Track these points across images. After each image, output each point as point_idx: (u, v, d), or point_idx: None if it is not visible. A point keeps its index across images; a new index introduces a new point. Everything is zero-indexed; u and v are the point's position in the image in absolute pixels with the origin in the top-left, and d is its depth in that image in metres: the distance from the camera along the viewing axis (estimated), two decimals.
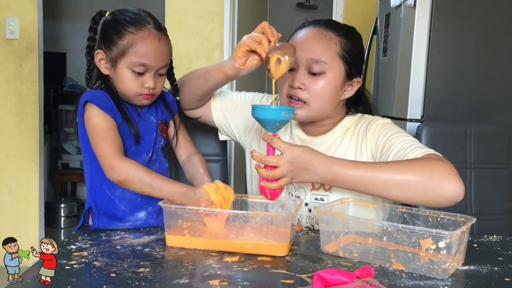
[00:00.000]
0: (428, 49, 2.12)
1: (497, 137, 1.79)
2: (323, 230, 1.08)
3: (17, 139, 3.12)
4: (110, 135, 1.18)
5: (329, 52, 1.23)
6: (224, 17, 3.19)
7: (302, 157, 1.07)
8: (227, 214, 1.10)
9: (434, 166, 1.07)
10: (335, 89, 1.25)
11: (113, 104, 1.22)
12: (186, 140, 1.38)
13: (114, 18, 1.23)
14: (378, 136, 1.26)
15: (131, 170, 1.15)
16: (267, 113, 1.08)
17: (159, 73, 1.24)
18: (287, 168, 1.07)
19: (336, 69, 1.24)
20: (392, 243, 1.01)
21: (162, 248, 1.07)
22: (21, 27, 3.06)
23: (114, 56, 1.20)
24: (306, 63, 1.23)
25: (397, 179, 1.06)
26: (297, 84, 1.23)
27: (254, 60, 1.21)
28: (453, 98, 2.15)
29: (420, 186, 1.06)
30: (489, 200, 1.71)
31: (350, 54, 1.26)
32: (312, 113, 1.27)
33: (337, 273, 0.81)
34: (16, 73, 3.09)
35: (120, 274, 0.91)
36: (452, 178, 1.06)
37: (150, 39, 1.20)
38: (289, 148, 1.07)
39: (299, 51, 1.21)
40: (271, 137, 1.09)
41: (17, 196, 3.14)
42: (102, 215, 1.23)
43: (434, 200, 1.07)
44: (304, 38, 1.27)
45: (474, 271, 0.99)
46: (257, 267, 0.97)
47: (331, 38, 1.25)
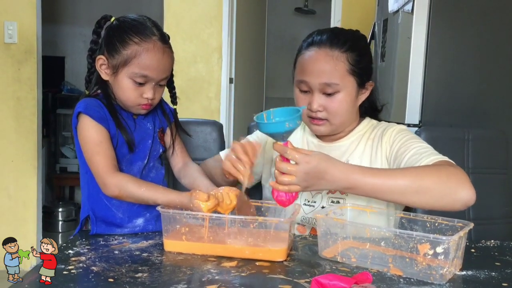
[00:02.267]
0: (426, 54, 2.12)
1: (495, 142, 1.79)
2: (321, 235, 1.08)
3: (15, 143, 3.11)
4: (103, 148, 1.18)
5: (338, 73, 1.25)
6: (222, 21, 3.20)
7: (319, 167, 1.05)
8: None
9: (450, 173, 1.10)
10: (351, 102, 1.29)
11: (107, 112, 1.21)
12: (182, 149, 1.38)
13: (119, 25, 1.22)
14: (394, 141, 1.28)
15: (122, 186, 1.16)
16: (271, 128, 1.06)
17: (159, 84, 1.24)
18: (301, 178, 1.05)
19: (349, 85, 1.27)
20: (390, 248, 1.01)
21: (160, 253, 1.07)
22: (19, 31, 3.06)
23: (116, 64, 1.20)
24: (319, 87, 1.26)
25: (416, 186, 1.07)
26: (315, 107, 1.27)
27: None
28: (450, 103, 2.16)
29: (437, 191, 1.07)
30: (486, 205, 1.71)
31: (358, 66, 1.28)
32: (334, 127, 1.31)
33: (335, 279, 0.82)
34: (15, 77, 3.09)
35: (118, 279, 0.90)
36: (467, 184, 1.09)
37: (154, 52, 1.19)
38: (304, 158, 1.05)
39: (311, 77, 1.25)
40: (283, 147, 1.07)
41: (15, 200, 3.13)
42: (100, 222, 1.23)
43: (450, 205, 1.09)
44: (312, 63, 1.27)
45: (471, 276, 0.99)
46: (255, 272, 0.97)
47: (338, 57, 1.26)
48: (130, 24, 1.21)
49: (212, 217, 1.09)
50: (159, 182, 1.30)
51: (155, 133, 1.31)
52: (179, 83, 3.20)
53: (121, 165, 1.23)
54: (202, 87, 3.25)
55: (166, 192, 1.18)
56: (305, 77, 1.27)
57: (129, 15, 1.25)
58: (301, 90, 1.29)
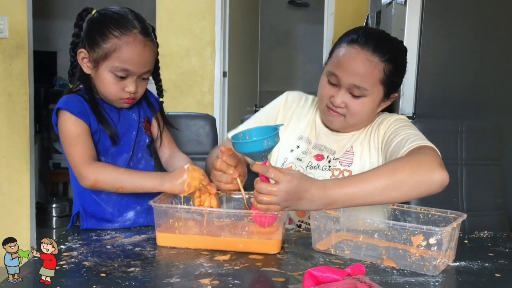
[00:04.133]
0: (419, 46, 2.12)
1: (488, 134, 1.79)
2: (315, 228, 1.08)
3: (7, 138, 3.09)
4: (80, 141, 1.17)
5: (371, 80, 1.26)
6: (215, 15, 3.18)
7: (299, 186, 1.02)
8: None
9: (420, 159, 1.10)
10: (373, 108, 1.31)
11: (87, 107, 1.20)
12: (169, 139, 1.37)
13: (100, 18, 1.21)
14: (388, 127, 1.30)
15: (98, 172, 1.15)
16: (249, 147, 1.05)
17: (142, 77, 1.23)
18: (282, 198, 1.02)
19: (376, 93, 1.28)
20: (383, 240, 1.02)
21: (153, 248, 1.07)
22: (10, 25, 3.03)
23: (96, 57, 1.19)
24: (348, 86, 1.26)
25: (391, 182, 1.06)
26: (338, 103, 1.28)
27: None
28: (444, 95, 2.16)
29: (413, 181, 1.07)
30: (480, 196, 1.71)
31: (391, 79, 1.28)
32: (347, 125, 1.33)
33: (328, 271, 0.81)
34: (6, 72, 3.06)
35: (110, 274, 0.90)
36: (438, 166, 1.08)
37: (135, 45, 1.17)
38: (286, 177, 1.03)
39: (344, 74, 1.26)
40: (264, 167, 1.05)
41: (8, 196, 3.11)
42: (90, 217, 1.22)
43: (427, 190, 1.09)
44: (349, 61, 1.26)
45: (465, 267, 1.00)
46: (249, 265, 0.97)
47: (376, 65, 1.25)
48: (111, 17, 1.19)
49: (206, 211, 1.08)
50: None
51: (140, 123, 1.30)
52: (172, 77, 3.20)
53: (105, 158, 1.22)
54: (196, 81, 3.23)
55: (144, 175, 1.17)
56: (338, 71, 1.27)
57: (110, 8, 1.23)
58: (330, 82, 1.30)
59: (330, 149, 1.35)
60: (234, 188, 1.17)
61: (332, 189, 1.05)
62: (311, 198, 1.04)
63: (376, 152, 1.31)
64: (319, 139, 1.38)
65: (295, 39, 5.21)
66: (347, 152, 1.34)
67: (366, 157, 1.31)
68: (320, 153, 1.35)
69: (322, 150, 1.36)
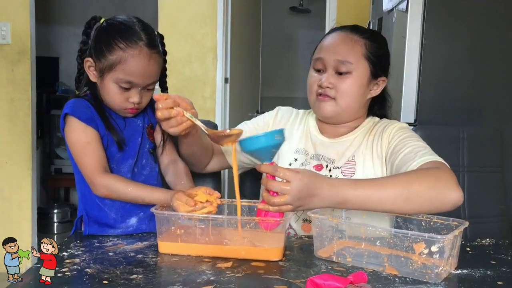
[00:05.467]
0: (420, 53, 2.12)
1: (490, 141, 1.80)
2: (317, 235, 1.08)
3: (9, 144, 3.10)
4: (90, 150, 1.18)
5: (354, 53, 1.30)
6: (217, 21, 3.19)
7: (310, 183, 1.02)
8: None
9: (437, 176, 1.10)
10: (362, 87, 1.31)
11: (95, 113, 1.21)
12: (171, 146, 1.37)
13: (107, 28, 1.21)
14: (392, 137, 1.30)
15: (110, 187, 1.17)
16: (260, 143, 1.03)
17: (147, 88, 1.23)
18: (295, 197, 1.01)
19: (362, 69, 1.30)
20: (386, 248, 1.01)
21: (155, 255, 1.07)
22: (13, 31, 3.04)
23: (102, 67, 1.19)
24: (334, 64, 1.30)
25: (406, 193, 1.06)
26: (325, 84, 1.30)
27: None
28: (445, 102, 2.16)
29: (427, 197, 1.07)
30: (482, 203, 1.71)
31: (374, 54, 1.32)
32: (339, 108, 1.32)
33: (330, 279, 0.81)
34: (8, 78, 3.07)
35: (113, 281, 0.90)
36: (455, 186, 1.08)
37: (140, 58, 1.17)
38: (297, 175, 1.01)
39: (327, 54, 1.31)
40: (273, 166, 1.04)
41: (9, 201, 3.12)
42: (93, 222, 1.22)
43: (440, 208, 1.09)
44: (331, 42, 1.34)
45: (467, 275, 0.99)
46: (251, 272, 0.97)
47: (356, 41, 1.31)
48: (118, 27, 1.19)
49: (208, 218, 1.08)
50: (153, 180, 1.29)
51: (144, 129, 1.30)
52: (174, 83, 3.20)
53: (111, 164, 1.23)
54: (197, 87, 3.24)
55: (152, 191, 1.18)
56: (322, 54, 1.32)
57: (118, 17, 1.23)
58: (316, 69, 1.33)
59: (329, 158, 1.34)
60: (188, 125, 1.12)
61: (346, 188, 1.05)
62: (323, 195, 1.04)
63: (380, 162, 1.30)
64: (316, 149, 1.37)
65: (296, 45, 5.22)
66: (349, 162, 1.32)
67: (369, 167, 1.30)
68: (318, 163, 1.34)
69: (320, 160, 1.35)
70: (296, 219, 1.34)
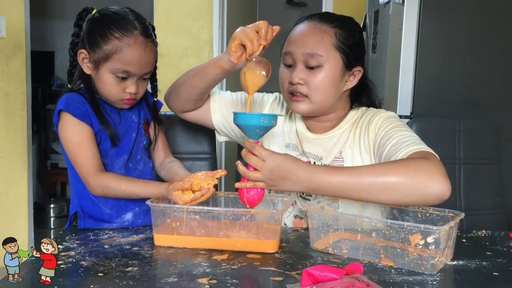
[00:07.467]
0: (417, 45, 2.12)
1: (486, 133, 1.80)
2: (313, 227, 1.08)
3: (4, 139, 3.08)
4: (84, 149, 1.17)
5: (323, 45, 1.22)
6: (213, 14, 3.18)
7: (283, 165, 1.05)
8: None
9: (418, 166, 1.05)
10: (335, 80, 1.24)
11: (89, 108, 1.20)
12: (164, 143, 1.37)
13: (100, 18, 1.20)
14: (379, 128, 1.25)
15: (104, 186, 1.17)
16: (247, 119, 1.08)
17: (142, 78, 1.22)
18: (267, 176, 1.06)
19: (333, 61, 1.23)
20: (381, 239, 1.01)
21: (151, 247, 1.06)
22: (7, 25, 3.02)
23: (97, 58, 1.18)
24: (303, 58, 1.23)
25: (380, 183, 1.03)
26: (296, 80, 1.24)
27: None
28: (442, 94, 2.16)
29: (404, 188, 1.03)
30: (478, 195, 1.72)
31: (346, 44, 1.24)
32: (314, 106, 1.26)
33: (326, 270, 0.81)
34: (3, 72, 3.05)
35: (108, 273, 0.90)
36: (438, 177, 1.03)
37: (136, 47, 1.17)
38: (271, 156, 1.06)
39: (296, 47, 1.24)
40: (253, 144, 1.09)
41: (5, 196, 3.11)
42: (88, 217, 1.22)
43: (421, 200, 1.05)
44: (299, 34, 1.26)
45: (462, 266, 0.99)
46: (246, 264, 0.97)
47: (325, 31, 1.24)
48: (111, 17, 1.19)
49: (204, 211, 1.08)
50: (147, 175, 1.29)
51: (140, 125, 1.30)
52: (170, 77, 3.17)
53: (105, 159, 1.22)
54: None
55: (145, 186, 1.18)
56: (290, 47, 1.26)
57: (111, 7, 1.22)
58: (286, 65, 1.28)
59: (316, 155, 1.32)
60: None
61: (319, 174, 1.06)
62: (296, 179, 1.06)
63: (368, 155, 1.26)
64: (303, 145, 1.34)
65: None
66: (336, 159, 1.29)
67: (358, 161, 1.27)
68: (307, 160, 1.31)
69: (308, 157, 1.32)
70: (287, 214, 1.34)
